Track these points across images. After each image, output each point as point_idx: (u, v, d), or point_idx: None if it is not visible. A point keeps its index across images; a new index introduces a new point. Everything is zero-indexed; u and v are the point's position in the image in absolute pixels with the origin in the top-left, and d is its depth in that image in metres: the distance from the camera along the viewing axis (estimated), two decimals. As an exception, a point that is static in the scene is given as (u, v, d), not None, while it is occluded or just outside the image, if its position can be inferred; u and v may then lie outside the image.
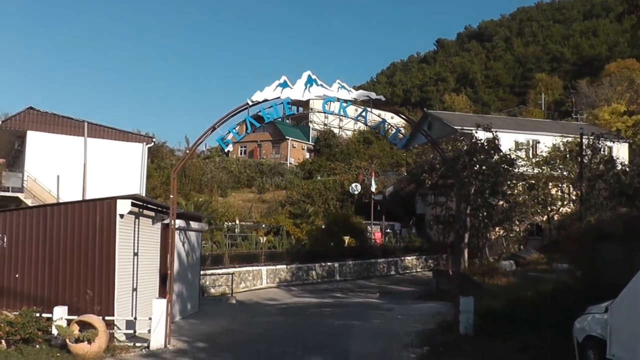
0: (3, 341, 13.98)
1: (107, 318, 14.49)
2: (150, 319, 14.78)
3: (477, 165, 31.87)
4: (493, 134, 32.80)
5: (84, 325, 13.91)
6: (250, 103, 15.77)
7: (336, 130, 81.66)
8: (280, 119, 18.22)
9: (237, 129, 16.64)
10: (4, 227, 16.29)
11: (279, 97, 15.95)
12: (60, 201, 26.18)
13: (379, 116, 17.37)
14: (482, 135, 33.17)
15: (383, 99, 17.33)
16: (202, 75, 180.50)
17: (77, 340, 13.51)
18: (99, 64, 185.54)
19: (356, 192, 51.35)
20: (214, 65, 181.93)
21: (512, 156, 33.67)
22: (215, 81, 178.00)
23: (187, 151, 18.24)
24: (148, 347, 14.55)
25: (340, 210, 52.23)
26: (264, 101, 15.89)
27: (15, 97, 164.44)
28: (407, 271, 42.20)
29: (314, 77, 16.17)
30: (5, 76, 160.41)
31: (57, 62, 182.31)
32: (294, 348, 15.14)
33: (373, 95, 16.73)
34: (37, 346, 14.05)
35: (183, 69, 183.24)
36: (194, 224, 21.79)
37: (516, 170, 33.69)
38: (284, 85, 15.98)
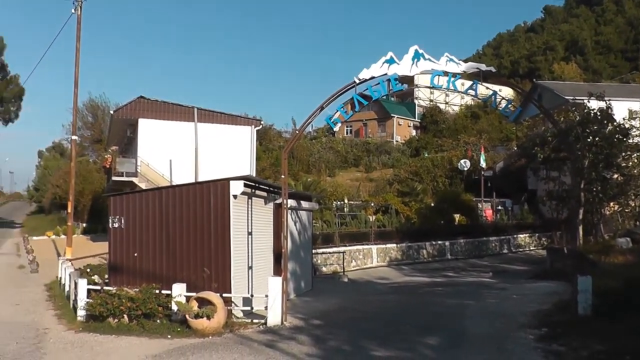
0: (125, 316, 14.64)
1: (224, 295, 14.80)
2: (266, 296, 14.97)
3: (590, 137, 30.38)
4: (606, 103, 31.13)
5: (203, 302, 14.27)
6: (357, 81, 15.62)
7: (442, 106, 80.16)
8: (385, 97, 18.00)
9: (344, 107, 16.57)
10: (121, 209, 17.04)
11: (385, 74, 15.69)
12: (174, 184, 26.99)
13: (487, 89, 16.80)
14: (594, 104, 31.56)
15: (493, 70, 16.77)
16: (306, 57, 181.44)
17: (197, 316, 13.90)
18: (205, 50, 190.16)
19: (465, 169, 50.29)
20: (318, 47, 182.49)
21: (626, 126, 31.85)
22: (320, 62, 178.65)
23: (297, 132, 18.32)
24: (265, 323, 14.77)
25: (449, 188, 51.32)
26: (370, 78, 15.68)
27: (127, 88, 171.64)
28: (520, 249, 41.00)
29: (421, 51, 15.79)
30: (117, 68, 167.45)
31: (166, 51, 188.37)
32: (407, 327, 14.96)
33: (483, 66, 16.17)
34: (158, 321, 14.63)
35: (287, 51, 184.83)
36: (304, 204, 21.97)
37: (631, 140, 31.85)
38: (390, 61, 15.71)
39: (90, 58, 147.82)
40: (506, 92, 42.62)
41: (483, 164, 47.32)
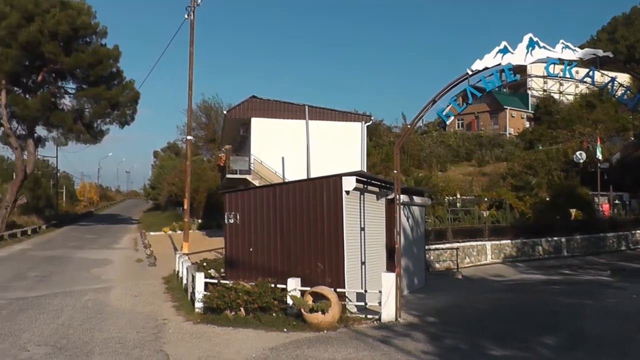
0: (242, 309, 14.89)
1: (338, 290, 14.80)
2: (380, 292, 14.86)
3: None
4: None
5: (317, 296, 14.34)
6: (470, 72, 15.21)
7: (556, 96, 77.41)
8: (498, 89, 17.63)
9: (457, 100, 16.20)
10: (236, 205, 17.38)
11: (499, 64, 15.18)
12: (286, 180, 27.33)
13: (603, 75, 15.93)
14: None
15: (611, 55, 15.92)
16: (416, 50, 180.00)
17: (312, 310, 13.97)
18: (314, 48, 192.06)
19: (581, 161, 48.38)
20: (427, 39, 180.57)
21: None
22: (430, 55, 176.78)
23: (408, 126, 18.08)
24: (379, 319, 14.66)
25: (565, 181, 49.53)
26: (484, 69, 15.23)
27: (238, 88, 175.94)
28: (638, 246, 39.07)
29: (535, 39, 15.17)
30: (229, 69, 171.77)
31: (276, 50, 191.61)
32: (524, 326, 14.55)
33: (600, 52, 15.34)
34: (274, 314, 14.79)
35: (396, 45, 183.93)
36: (417, 199, 21.71)
37: None
38: (504, 51, 15.19)
39: (203, 60, 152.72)
40: (622, 78, 40.64)
41: (599, 155, 45.39)
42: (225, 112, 41.23)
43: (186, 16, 28.86)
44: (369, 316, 15.02)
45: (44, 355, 11.44)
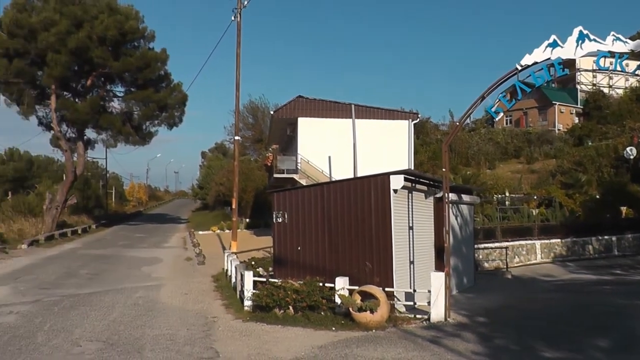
0: (291, 307, 14.95)
1: (386, 289, 14.74)
2: (429, 291, 14.75)
3: None
4: None
5: (365, 296, 14.31)
6: (519, 67, 14.97)
7: (605, 90, 75.72)
8: (546, 84, 17.35)
9: (506, 96, 15.98)
10: (284, 205, 17.45)
11: (549, 58, 14.89)
12: (333, 179, 27.33)
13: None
14: None
15: (664, 47, 15.51)
16: (462, 47, 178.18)
17: (360, 310, 13.94)
18: (358, 46, 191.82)
19: (631, 157, 47.10)
20: (474, 34, 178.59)
21: None
22: (476, 51, 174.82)
23: (456, 123, 17.91)
24: (428, 319, 14.55)
25: (615, 178, 48.36)
26: (533, 64, 14.95)
27: (285, 88, 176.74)
28: (692, 246, 37.92)
29: (585, 32, 14.84)
30: (276, 70, 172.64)
31: (320, 50, 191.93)
32: (575, 327, 14.28)
33: (652, 43, 15.04)
34: (322, 313, 14.80)
35: (441, 42, 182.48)
36: (465, 197, 21.50)
37: None
38: (553, 44, 14.90)
39: (249, 60, 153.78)
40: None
41: (650, 151, 44.30)
42: (272, 112, 41.49)
43: (233, 18, 29.08)
44: (417, 316, 14.92)
45: (96, 350, 11.66)
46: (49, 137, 49.27)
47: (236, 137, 31.17)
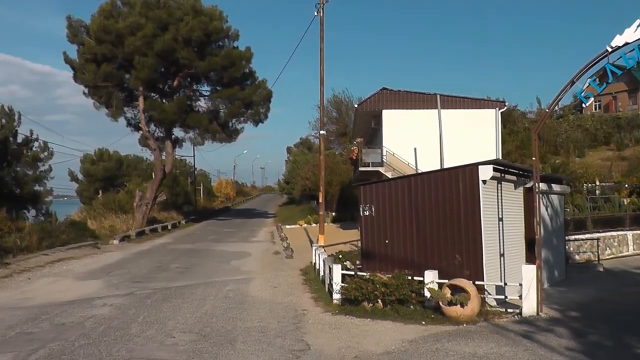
0: (380, 300, 14.92)
1: (476, 283, 14.50)
2: (520, 284, 14.45)
3: None
4: None
5: (455, 289, 14.13)
6: (610, 49, 14.34)
7: (701, 69, 72.04)
8: (636, 66, 16.51)
9: (596, 80, 15.41)
10: (371, 198, 17.42)
11: (640, 38, 14.33)
12: (419, 171, 27.10)
13: None
14: None
15: None
16: (547, 31, 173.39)
17: (450, 303, 13.79)
18: (441, 36, 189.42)
19: None
20: (559, 18, 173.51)
21: None
22: (562, 34, 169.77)
23: (546, 110, 17.40)
24: (520, 313, 14.24)
25: None
26: (624, 45, 14.30)
27: (368, 81, 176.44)
28: None
29: (680, 9, 14.16)
30: (359, 64, 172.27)
31: (403, 41, 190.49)
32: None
33: None
34: (411, 307, 14.70)
35: (525, 28, 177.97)
36: (555, 187, 20.93)
37: None
38: (646, 24, 14.30)
39: (332, 54, 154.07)
40: None
41: None
42: (356, 105, 41.51)
43: (315, 13, 29.22)
44: (508, 310, 14.63)
45: (189, 342, 11.94)
46: (138, 137, 50.98)
47: (321, 132, 31.35)
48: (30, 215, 44.40)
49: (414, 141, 35.09)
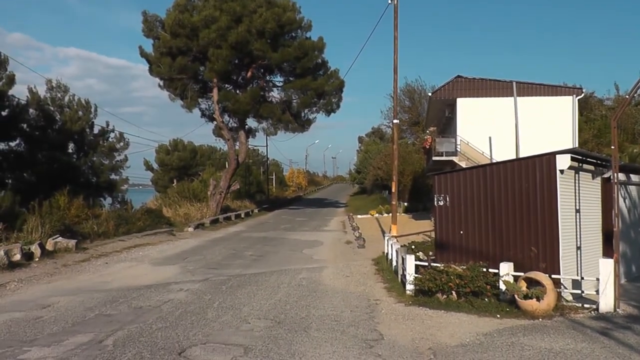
0: (454, 292, 14.83)
1: (552, 276, 14.20)
2: (597, 279, 14.08)
3: None
4: None
5: (531, 282, 13.91)
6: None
7: None
8: None
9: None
10: (445, 187, 17.30)
11: None
12: (494, 161, 26.72)
13: None
14: None
15: None
16: (624, 17, 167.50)
17: (526, 297, 13.57)
18: (516, 23, 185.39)
19: None
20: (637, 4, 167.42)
21: None
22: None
23: (626, 97, 16.84)
24: (597, 309, 13.87)
25: None
26: None
27: (440, 69, 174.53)
28: None
29: None
30: (432, 52, 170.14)
31: (477, 29, 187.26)
32: None
33: None
34: (486, 299, 14.51)
35: (602, 15, 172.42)
36: (634, 177, 20.25)
37: None
38: None
39: (404, 43, 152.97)
40: None
41: None
42: (429, 94, 41.13)
43: (390, 1, 29.03)
44: (585, 305, 14.24)
45: (264, 328, 12.14)
46: (212, 127, 52.05)
47: (395, 121, 31.23)
48: (106, 202, 45.99)
49: (488, 130, 34.58)
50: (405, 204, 51.21)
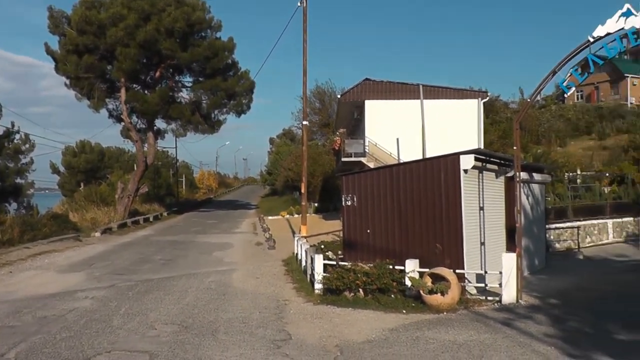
0: (361, 290, 15.01)
1: (457, 271, 14.60)
2: (500, 273, 14.56)
3: None
4: None
5: (436, 278, 14.23)
6: (592, 39, 14.45)
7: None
8: (618, 56, 16.74)
9: (578, 70, 15.52)
10: (353, 188, 17.48)
11: (622, 28, 14.33)
12: (401, 161, 27.16)
13: None
14: None
15: None
16: (529, 20, 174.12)
17: (431, 292, 13.88)
18: (426, 27, 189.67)
19: None
20: (541, 7, 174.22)
21: None
22: (545, 24, 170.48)
23: (527, 100, 17.51)
24: (500, 301, 14.39)
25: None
26: (606, 35, 14.42)
27: (351, 72, 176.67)
28: None
29: (662, -3, 14.32)
30: (342, 54, 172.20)
31: (385, 32, 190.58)
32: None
33: None
34: (392, 296, 14.80)
35: (508, 18, 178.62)
36: (536, 176, 21.09)
37: None
38: (627, 14, 14.28)
39: (315, 45, 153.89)
40: None
41: None
42: (338, 96, 41.47)
43: (299, 4, 29.08)
44: (489, 298, 14.77)
45: (171, 333, 11.91)
46: (120, 128, 50.70)
47: (304, 122, 31.31)
48: (11, 208, 44.18)
49: (396, 131, 35.11)
50: (316, 204, 51.48)
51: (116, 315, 13.66)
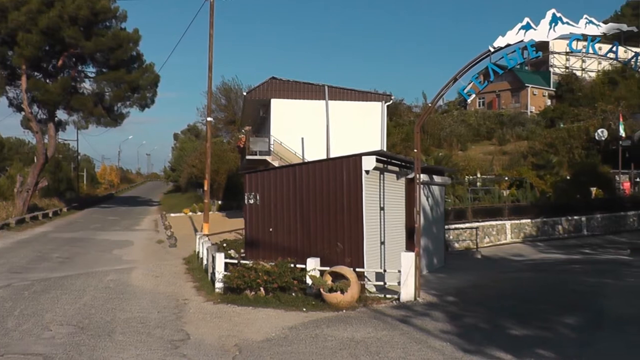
0: (262, 288, 15.02)
1: (357, 270, 14.83)
2: (399, 271, 14.87)
3: None
4: None
5: (336, 276, 14.41)
6: (492, 49, 15.05)
7: (578, 73, 76.53)
8: (519, 66, 17.45)
9: (478, 78, 16.08)
10: (256, 186, 17.46)
11: (522, 41, 15.00)
12: (305, 161, 27.33)
13: (626, 51, 15.62)
14: None
15: (636, 29, 15.68)
16: (435, 28, 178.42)
17: (331, 290, 14.03)
18: (331, 27, 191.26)
19: (602, 139, 47.95)
20: (447, 16, 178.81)
21: None
22: (450, 33, 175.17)
23: (429, 105, 17.96)
24: (398, 299, 14.71)
25: (586, 159, 49.09)
26: (506, 46, 15.03)
27: (258, 70, 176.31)
28: (660, 225, 38.60)
29: (558, 15, 14.96)
30: (249, 52, 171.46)
31: (293, 31, 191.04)
32: (545, 305, 14.51)
33: (624, 27, 15.18)
34: (293, 294, 14.92)
35: (415, 23, 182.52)
36: (437, 178, 21.64)
37: None
38: (526, 27, 15.00)
39: (223, 42, 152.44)
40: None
41: (622, 133, 44.85)
42: (245, 93, 41.27)
43: (206, -1, 28.76)
44: (387, 296, 15.08)
45: (67, 334, 11.59)
46: (20, 118, 48.61)
47: (209, 119, 31.02)
48: None
49: (301, 131, 35.23)
50: (220, 202, 51.12)
51: (10, 317, 13.15)
